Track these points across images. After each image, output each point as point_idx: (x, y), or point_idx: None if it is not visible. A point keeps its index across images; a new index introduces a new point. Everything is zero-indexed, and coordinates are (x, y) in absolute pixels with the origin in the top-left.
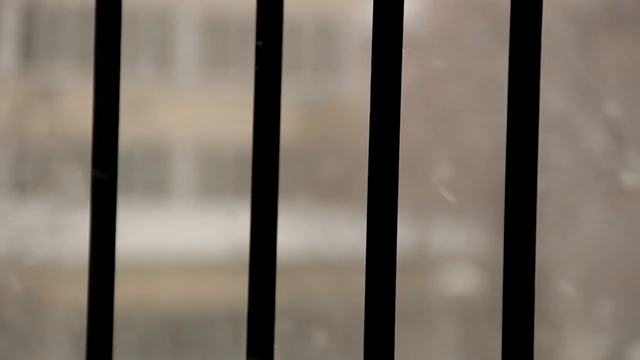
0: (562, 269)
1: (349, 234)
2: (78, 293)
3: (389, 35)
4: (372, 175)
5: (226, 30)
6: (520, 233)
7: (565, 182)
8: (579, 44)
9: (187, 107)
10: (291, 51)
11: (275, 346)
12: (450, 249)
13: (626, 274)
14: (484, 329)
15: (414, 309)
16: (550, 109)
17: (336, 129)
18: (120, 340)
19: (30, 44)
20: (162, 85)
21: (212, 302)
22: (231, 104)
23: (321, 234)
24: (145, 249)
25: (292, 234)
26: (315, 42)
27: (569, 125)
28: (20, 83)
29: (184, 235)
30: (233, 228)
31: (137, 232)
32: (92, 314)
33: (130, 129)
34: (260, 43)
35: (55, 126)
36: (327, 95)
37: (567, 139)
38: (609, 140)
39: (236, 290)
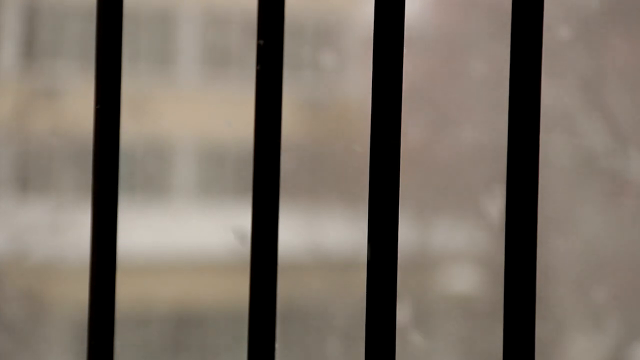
0: (563, 267)
1: (350, 233)
2: (79, 292)
3: (390, 34)
4: (374, 174)
5: (228, 29)
6: (521, 232)
7: (566, 181)
8: (580, 42)
9: (189, 106)
10: (292, 50)
11: (277, 345)
12: (451, 248)
13: (628, 273)
14: (485, 328)
15: (416, 308)
16: (551, 108)
17: (337, 128)
18: (122, 339)
19: (32, 44)
20: (164, 85)
21: (214, 301)
22: (232, 103)
23: (322, 233)
24: (147, 248)
25: (293, 233)
26: (317, 41)
27: (571, 124)
28: (21, 82)
29: (186, 234)
30: (235, 227)
31: (138, 231)
32: (93, 313)
33: (131, 128)
34: (261, 42)
35: (57, 125)
36: (329, 94)
37: (569, 138)
38: (610, 139)
39: (237, 290)
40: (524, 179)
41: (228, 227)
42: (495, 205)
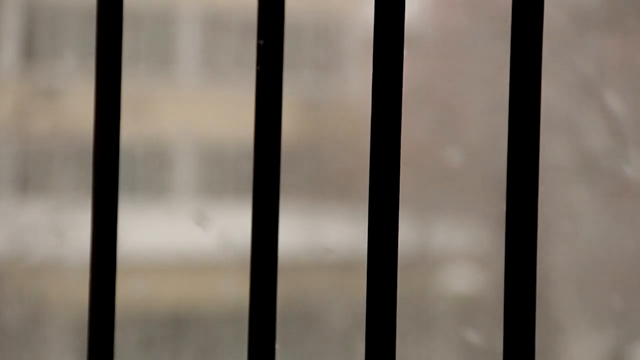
0: (563, 268)
1: (350, 233)
2: (79, 292)
3: (390, 34)
4: (374, 174)
5: (228, 29)
6: (521, 232)
7: (566, 181)
8: (580, 42)
9: (189, 106)
10: (292, 50)
11: (277, 346)
12: (451, 248)
13: (628, 273)
14: (485, 327)
15: (416, 308)
16: (551, 108)
17: (337, 128)
18: (122, 339)
19: (32, 43)
20: (163, 85)
21: (214, 301)
22: (232, 103)
23: (322, 233)
24: (147, 249)
25: (293, 233)
26: (317, 42)
27: (570, 124)
28: (21, 82)
29: (186, 234)
30: (235, 227)
31: (138, 231)
32: (93, 313)
33: (131, 128)
34: (261, 42)
35: (57, 125)
36: (329, 94)
37: (568, 138)
38: (610, 139)
39: (238, 290)
40: (524, 179)
41: (228, 227)
42: (495, 206)
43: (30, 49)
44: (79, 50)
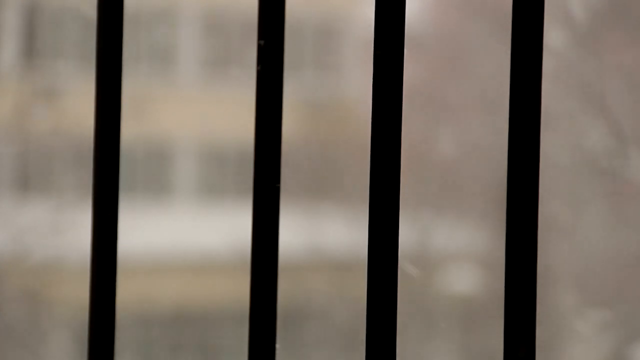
0: (563, 268)
1: (350, 233)
2: (80, 292)
3: (391, 34)
4: (374, 174)
5: (228, 29)
6: (522, 232)
7: (566, 181)
8: (580, 43)
9: (189, 106)
10: (293, 51)
11: (277, 345)
12: (451, 248)
13: (628, 273)
14: (485, 328)
15: (416, 308)
16: (551, 108)
17: (338, 128)
18: (122, 339)
19: (33, 44)
20: (164, 85)
21: (214, 301)
22: (233, 104)
23: (322, 233)
24: (147, 248)
25: (293, 233)
26: (317, 42)
27: (571, 124)
28: (22, 83)
29: (186, 234)
30: (235, 227)
31: (139, 231)
32: (94, 313)
33: (132, 129)
34: (262, 42)
35: (57, 125)
36: (329, 94)
37: (569, 138)
38: (610, 139)
39: (238, 290)
40: (524, 179)
41: (228, 227)
42: (495, 206)
43: (30, 49)
44: (79, 51)
